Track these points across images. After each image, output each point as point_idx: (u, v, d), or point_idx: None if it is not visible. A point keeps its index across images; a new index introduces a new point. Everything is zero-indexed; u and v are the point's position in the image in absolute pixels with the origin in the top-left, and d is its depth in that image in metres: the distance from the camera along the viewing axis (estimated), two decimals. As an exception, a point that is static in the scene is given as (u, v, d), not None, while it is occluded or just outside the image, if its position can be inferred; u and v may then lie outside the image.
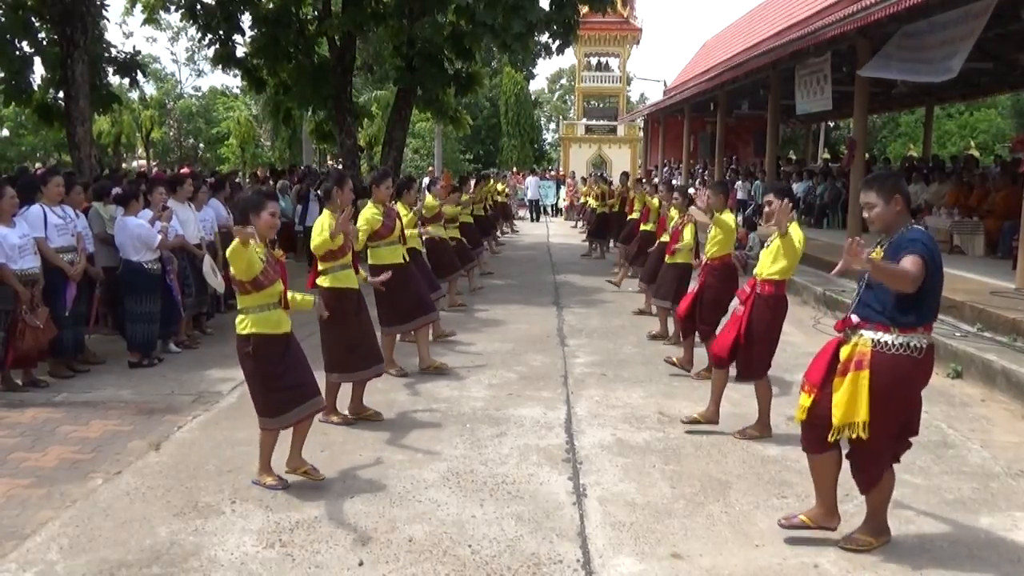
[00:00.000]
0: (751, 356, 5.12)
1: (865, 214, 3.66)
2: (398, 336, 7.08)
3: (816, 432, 3.71)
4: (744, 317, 5.10)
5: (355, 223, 6.05)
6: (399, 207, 7.17)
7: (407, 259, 6.80)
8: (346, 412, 5.55)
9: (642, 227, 10.77)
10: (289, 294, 4.41)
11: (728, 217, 6.41)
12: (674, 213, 8.21)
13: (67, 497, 4.29)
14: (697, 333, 6.69)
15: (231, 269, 4.16)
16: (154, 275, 7.02)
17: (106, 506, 4.18)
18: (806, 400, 3.74)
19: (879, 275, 3.41)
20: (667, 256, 7.98)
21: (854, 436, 3.55)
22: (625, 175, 15.44)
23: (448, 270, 9.73)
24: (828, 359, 3.71)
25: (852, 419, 3.53)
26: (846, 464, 3.77)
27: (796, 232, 5.01)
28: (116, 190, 7.44)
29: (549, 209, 28.74)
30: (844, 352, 3.64)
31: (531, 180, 28.28)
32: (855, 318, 3.63)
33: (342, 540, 3.82)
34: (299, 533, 3.89)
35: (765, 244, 5.21)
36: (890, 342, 3.51)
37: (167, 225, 7.20)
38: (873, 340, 3.53)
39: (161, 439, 5.16)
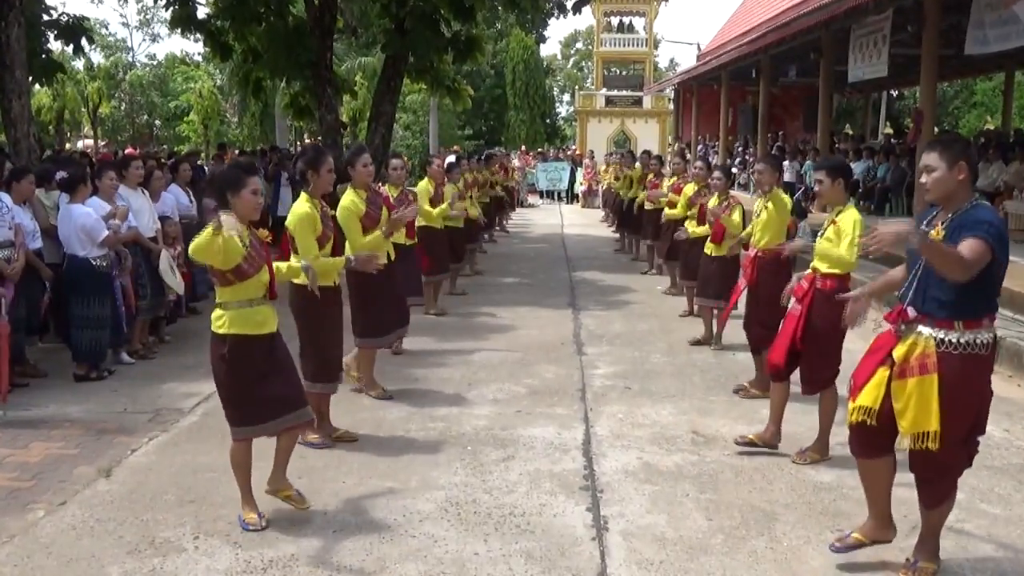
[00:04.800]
0: (814, 363, 5.14)
1: (923, 178, 3.68)
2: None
3: (869, 434, 3.78)
4: (802, 318, 5.10)
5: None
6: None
7: (392, 257, 6.56)
8: (316, 435, 5.52)
9: (667, 213, 10.55)
10: (277, 266, 4.48)
11: (784, 196, 6.30)
12: (714, 197, 8.20)
13: (3, 532, 4.31)
14: (748, 339, 6.58)
15: (209, 261, 4.13)
16: (103, 273, 7.05)
17: (49, 542, 4.19)
18: (861, 400, 3.80)
19: (931, 256, 3.43)
20: (708, 247, 7.98)
21: (923, 447, 3.61)
22: (647, 154, 15.40)
23: (436, 270, 9.64)
24: (880, 360, 3.77)
25: (922, 428, 3.59)
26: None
27: (852, 216, 5.02)
28: (60, 174, 7.46)
29: (563, 195, 28.74)
30: (899, 352, 3.68)
31: (540, 168, 28.54)
32: (912, 311, 3.67)
33: (323, 581, 3.83)
34: (273, 573, 3.90)
35: (820, 233, 5.22)
36: (956, 341, 3.57)
37: (119, 224, 7.20)
38: (936, 339, 3.59)
39: (112, 464, 5.18)
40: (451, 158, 9.15)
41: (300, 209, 5.23)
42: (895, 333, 3.74)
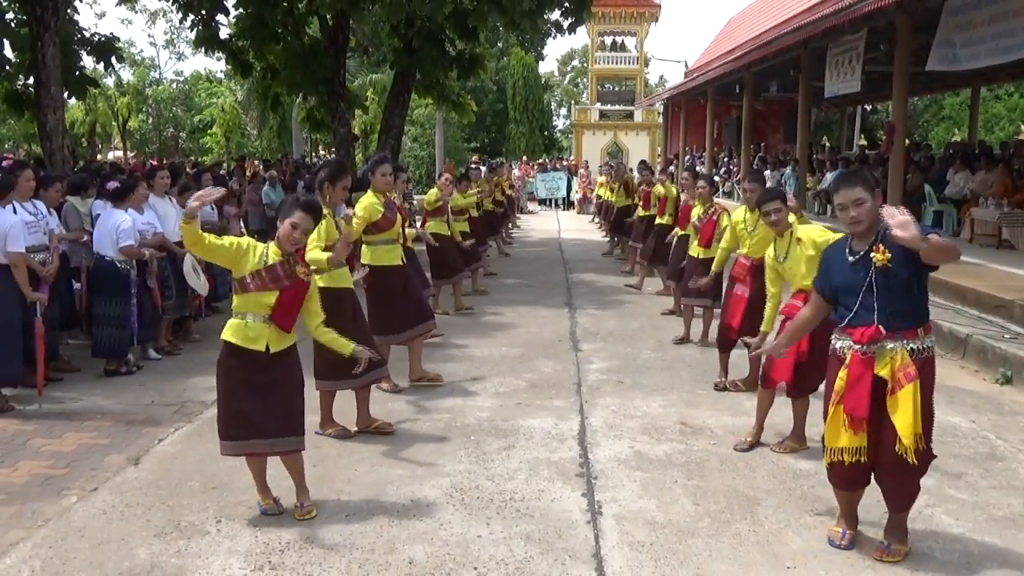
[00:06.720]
0: (808, 375, 4.99)
1: (852, 212, 3.66)
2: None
3: (859, 471, 3.79)
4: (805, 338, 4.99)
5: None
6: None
7: (404, 261, 6.67)
8: (343, 425, 5.54)
9: (658, 220, 10.78)
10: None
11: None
12: (699, 204, 8.18)
13: (39, 516, 4.32)
14: (722, 338, 6.56)
15: (209, 257, 4.10)
16: (127, 275, 7.02)
17: (81, 525, 4.20)
18: (857, 440, 3.72)
19: (938, 252, 3.42)
20: (696, 250, 7.95)
21: (914, 448, 3.61)
22: (643, 163, 15.40)
23: (452, 271, 9.77)
24: (870, 388, 3.69)
25: (917, 431, 3.60)
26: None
27: (813, 229, 5.01)
28: (113, 184, 7.40)
29: (560, 202, 28.77)
30: (884, 372, 3.66)
31: (539, 178, 28.52)
32: (883, 330, 3.64)
33: (336, 562, 3.83)
34: (290, 555, 3.91)
35: (782, 258, 5.10)
36: (922, 347, 3.67)
37: (146, 253, 7.19)
38: (909, 349, 3.65)
39: (140, 453, 5.19)
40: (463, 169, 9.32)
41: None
42: (862, 355, 3.68)
